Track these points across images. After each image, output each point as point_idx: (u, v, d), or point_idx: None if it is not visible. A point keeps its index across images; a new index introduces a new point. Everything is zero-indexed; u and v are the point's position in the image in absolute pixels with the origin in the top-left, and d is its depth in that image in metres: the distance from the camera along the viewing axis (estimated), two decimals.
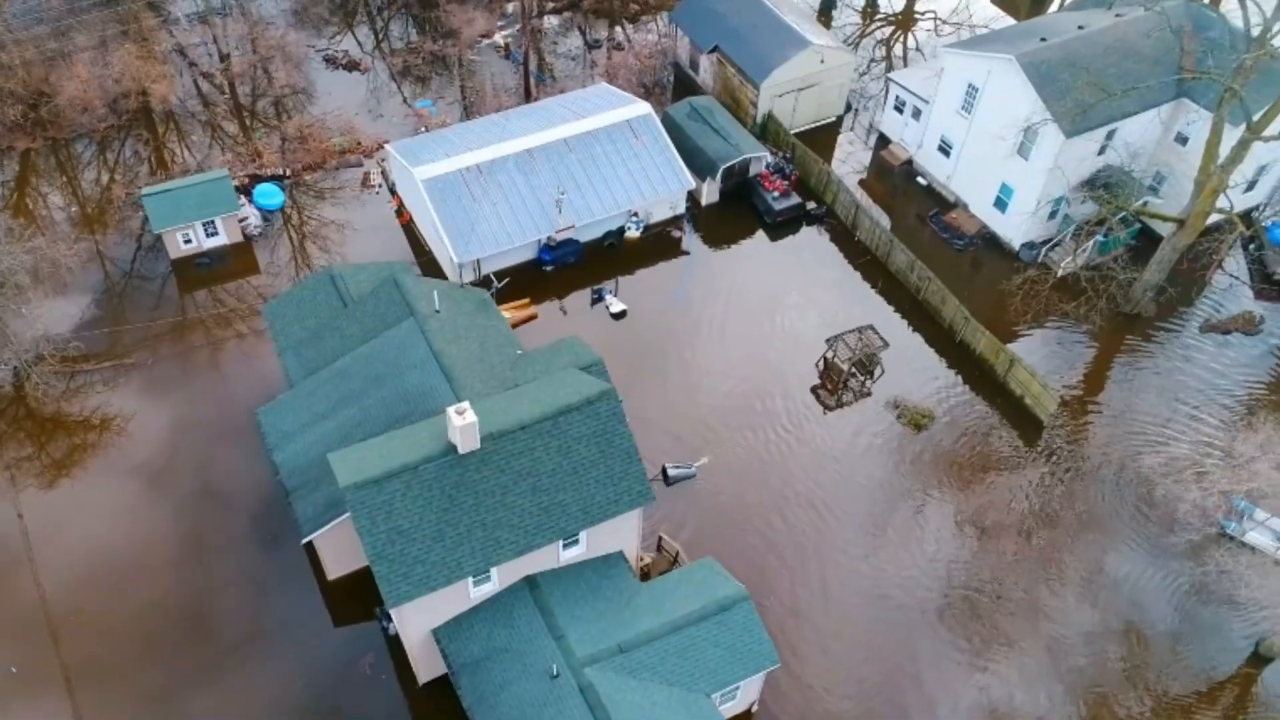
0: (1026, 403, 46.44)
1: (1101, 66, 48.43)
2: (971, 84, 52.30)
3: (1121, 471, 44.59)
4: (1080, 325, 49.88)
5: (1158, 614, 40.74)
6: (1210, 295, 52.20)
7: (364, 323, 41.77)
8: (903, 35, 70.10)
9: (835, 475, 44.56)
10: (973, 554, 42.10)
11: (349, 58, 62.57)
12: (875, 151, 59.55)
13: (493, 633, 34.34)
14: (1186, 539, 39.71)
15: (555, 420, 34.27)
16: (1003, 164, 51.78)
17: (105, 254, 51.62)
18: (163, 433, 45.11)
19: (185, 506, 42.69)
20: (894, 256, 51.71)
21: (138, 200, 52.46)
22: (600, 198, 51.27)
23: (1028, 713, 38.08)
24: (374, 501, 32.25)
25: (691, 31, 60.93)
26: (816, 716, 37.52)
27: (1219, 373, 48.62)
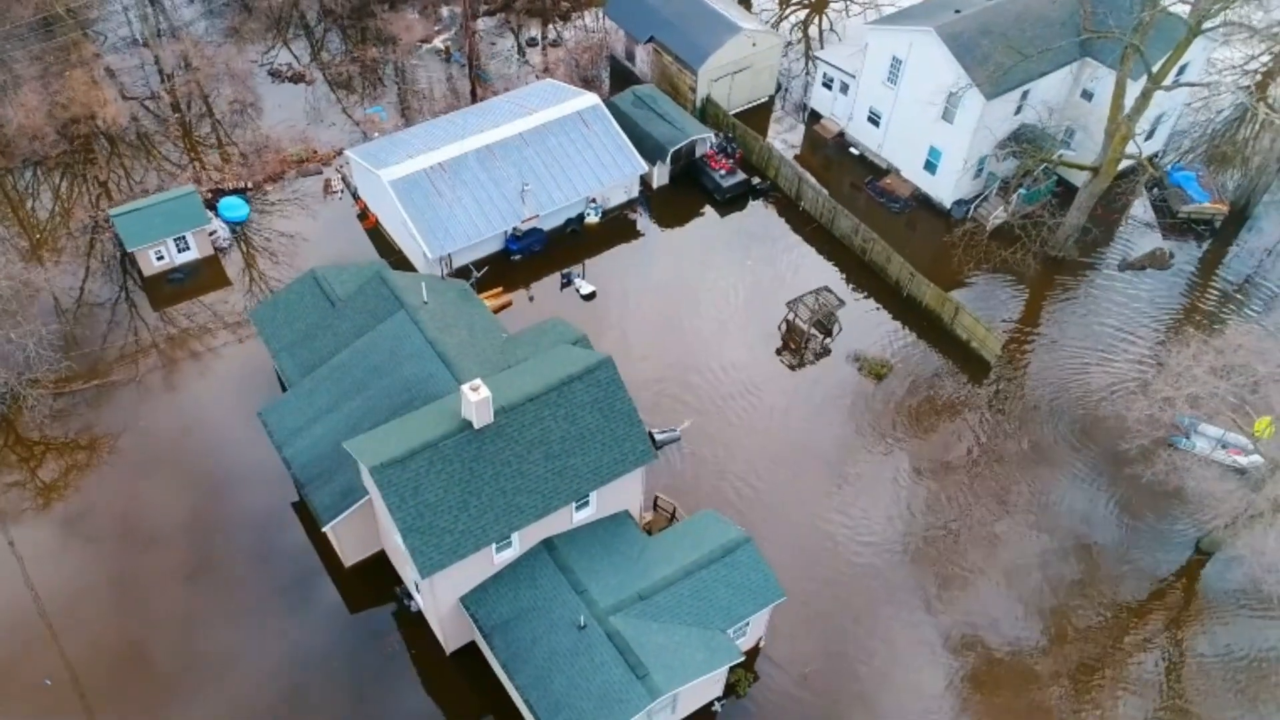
0: (973, 346, 49.84)
1: (1014, 32, 52.03)
2: (895, 57, 55.55)
3: (1065, 396, 48.29)
4: (1012, 272, 53.44)
5: (1106, 528, 44.30)
6: (1124, 236, 56.44)
7: (355, 319, 43.06)
8: (817, 17, 73.30)
9: (806, 428, 47.27)
10: (933, 491, 45.15)
11: (294, 70, 63.22)
12: (808, 127, 62.57)
13: (518, 594, 36.21)
14: (1138, 444, 43.45)
15: (560, 390, 36.21)
16: (930, 129, 55.19)
17: (74, 276, 51.71)
18: (157, 446, 45.74)
19: (189, 518, 43.49)
20: (838, 222, 54.71)
21: (103, 221, 52.66)
22: (560, 187, 53.18)
23: (995, 636, 40.94)
24: (401, 479, 33.82)
25: (626, 24, 63.11)
26: (795, 657, 40.25)
27: (1142, 303, 52.76)
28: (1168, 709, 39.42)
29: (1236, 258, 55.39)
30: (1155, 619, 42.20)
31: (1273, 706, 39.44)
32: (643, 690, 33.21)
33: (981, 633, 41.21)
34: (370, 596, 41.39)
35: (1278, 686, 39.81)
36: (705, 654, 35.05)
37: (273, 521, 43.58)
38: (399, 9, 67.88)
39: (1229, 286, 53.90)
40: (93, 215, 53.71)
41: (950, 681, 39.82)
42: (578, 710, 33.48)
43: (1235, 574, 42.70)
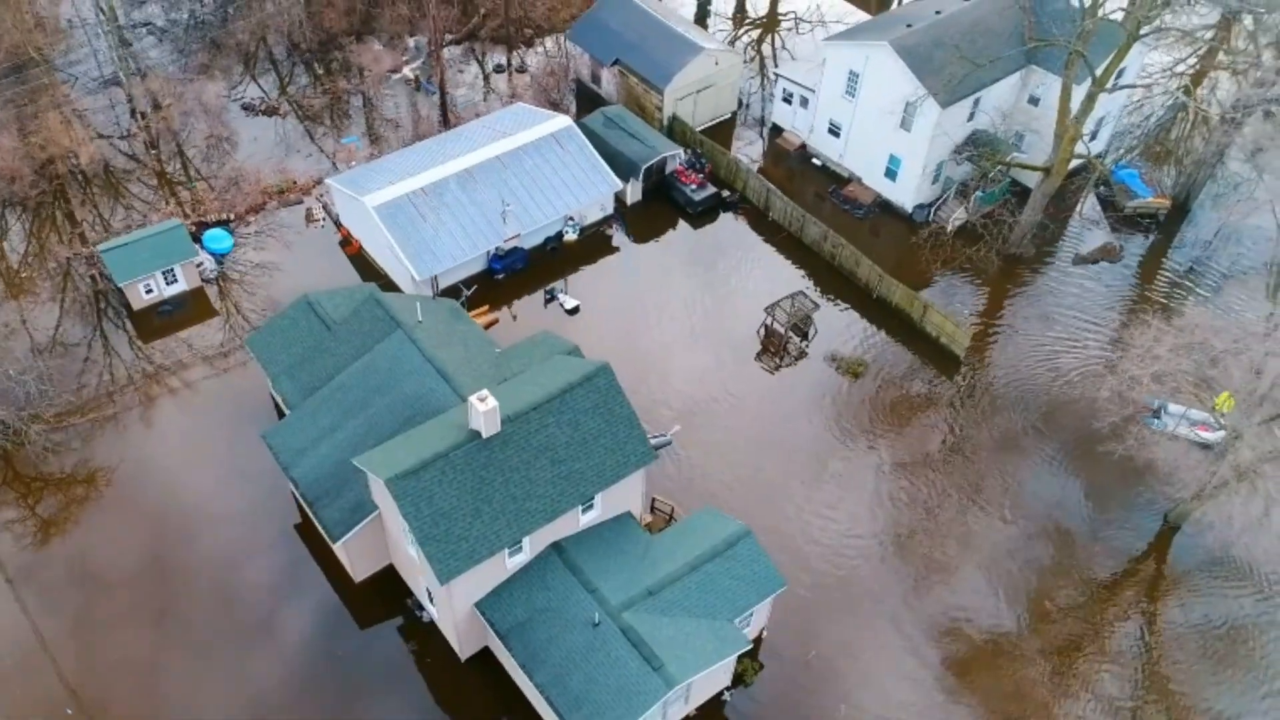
0: (943, 341, 51.78)
1: (964, 44, 54.32)
2: (852, 71, 57.67)
3: (1032, 384, 50.32)
4: (974, 270, 55.56)
5: (1077, 510, 46.06)
6: (1075, 232, 58.88)
7: (352, 341, 43.80)
8: (770, 36, 75.51)
9: (788, 428, 48.71)
10: (912, 483, 46.72)
11: (267, 103, 63.81)
12: (770, 140, 64.49)
13: (531, 596, 37.10)
14: (1109, 422, 45.50)
15: (562, 398, 37.29)
16: (889, 138, 57.31)
17: (64, 312, 51.82)
18: (154, 477, 45.94)
19: (192, 547, 43.76)
20: (807, 230, 56.52)
21: (87, 258, 52.88)
22: (539, 206, 54.39)
23: (978, 621, 42.33)
24: (415, 489, 34.65)
25: (591, 49, 64.67)
26: (793, 647, 41.47)
27: (1097, 293, 55.18)
28: (1147, 680, 41.07)
29: (1180, 247, 58.13)
30: (1130, 593, 43.98)
31: (1244, 671, 41.26)
32: (659, 681, 34.28)
33: (965, 619, 42.57)
34: (379, 611, 42.04)
35: (1249, 652, 41.68)
36: (715, 643, 36.22)
37: (277, 544, 43.98)
38: (365, 40, 68.76)
39: (1176, 274, 56.56)
40: (76, 252, 53.80)
41: (939, 666, 41.13)
42: (597, 704, 34.44)
43: (1202, 544, 44.78)
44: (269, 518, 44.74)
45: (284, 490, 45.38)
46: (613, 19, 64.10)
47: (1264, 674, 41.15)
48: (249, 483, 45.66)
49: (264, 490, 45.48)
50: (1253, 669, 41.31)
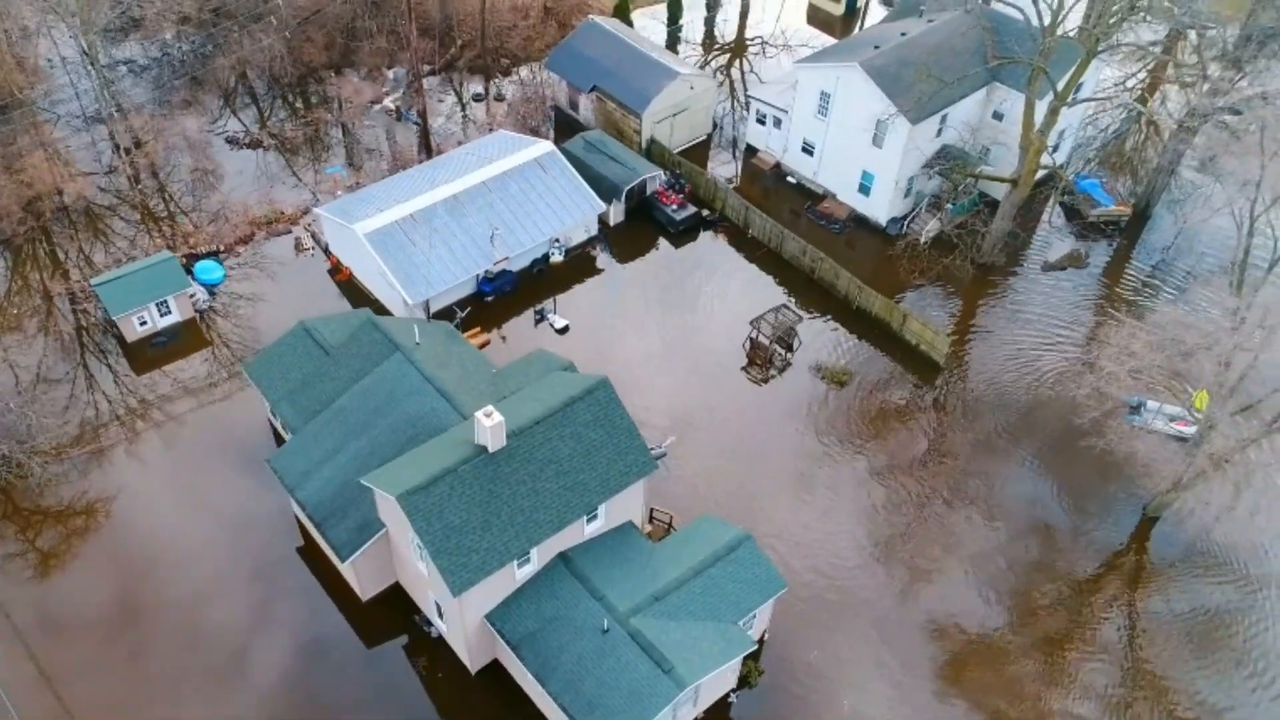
0: (922, 349, 53.17)
1: (930, 63, 56.17)
2: (824, 91, 59.30)
3: (1011, 386, 51.77)
4: (949, 280, 57.06)
5: (1059, 508, 47.29)
6: (1042, 241, 60.69)
7: (351, 365, 44.33)
8: (738, 60, 77.22)
9: (778, 436, 49.71)
10: (899, 487, 47.74)
11: (251, 136, 64.32)
12: (745, 160, 65.95)
13: (540, 606, 37.66)
14: (1090, 417, 46.96)
15: (564, 412, 38.07)
16: (862, 155, 58.92)
17: (60, 346, 51.93)
18: (155, 507, 46.05)
19: (198, 575, 43.92)
20: (786, 245, 57.87)
21: (82, 291, 53.01)
22: (526, 230, 55.29)
23: (968, 620, 43.24)
24: (426, 504, 35.20)
25: (568, 76, 65.92)
26: (792, 649, 42.31)
27: (1067, 298, 56.95)
28: (1134, 671, 42.14)
29: (1143, 252, 60.14)
30: (1113, 586, 45.14)
31: (1223, 657, 42.47)
32: (670, 683, 34.94)
33: (954, 619, 43.43)
34: (386, 630, 42.31)
35: (1231, 640, 42.91)
36: (722, 645, 36.96)
37: (281, 568, 44.15)
38: (344, 74, 69.55)
39: (1141, 276, 58.52)
40: (68, 287, 53.91)
41: (931, 666, 41.92)
42: (611, 708, 35.01)
43: (1182, 535, 46.22)
44: (272, 542, 44.95)
45: (286, 514, 45.68)
46: (589, 47, 65.43)
47: (1248, 661, 42.36)
48: (250, 508, 45.87)
49: (265, 515, 45.74)
50: (1237, 656, 42.50)
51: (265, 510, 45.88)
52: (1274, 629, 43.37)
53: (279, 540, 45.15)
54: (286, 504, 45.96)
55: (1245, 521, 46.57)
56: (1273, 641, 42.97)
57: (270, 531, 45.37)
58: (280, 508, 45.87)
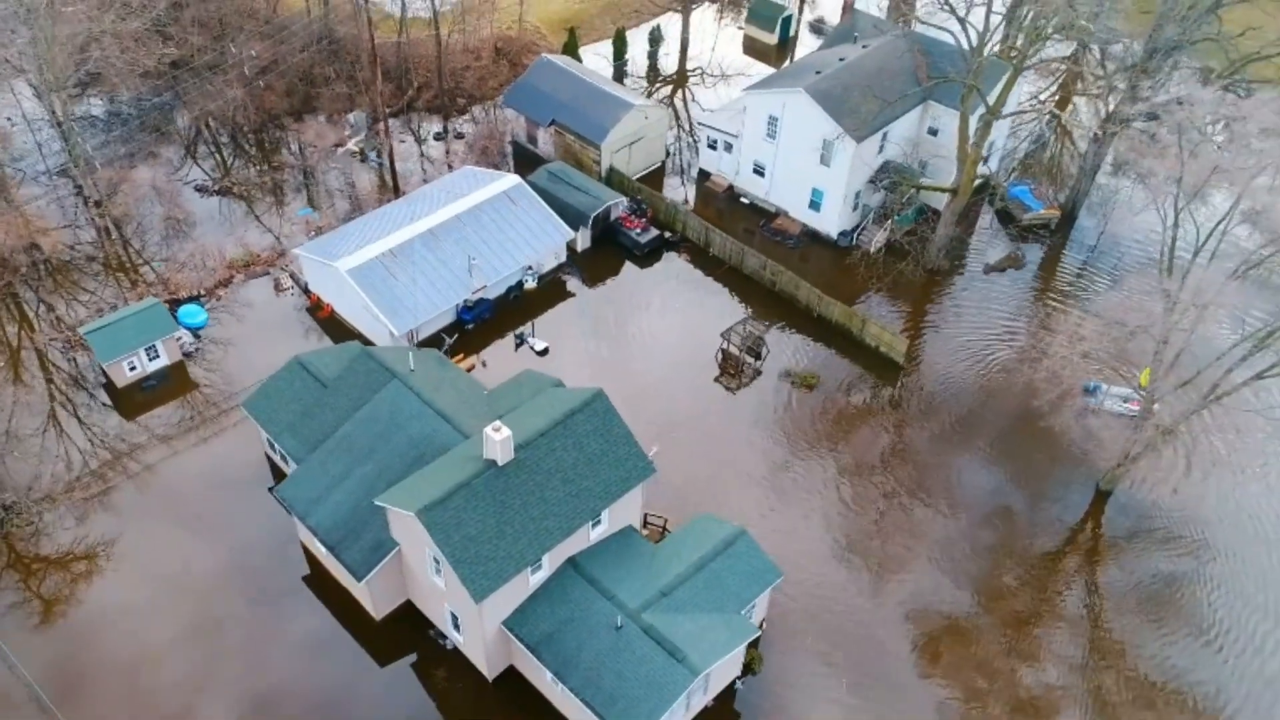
0: (883, 351, 55.96)
1: (869, 86, 59.51)
2: (772, 116, 62.22)
3: (967, 379, 54.68)
4: (899, 285, 60.07)
5: (1018, 491, 49.96)
6: (980, 245, 64.23)
7: (349, 394, 45.42)
8: (681, 90, 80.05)
9: (753, 440, 51.89)
10: (870, 481, 50.11)
11: (220, 184, 65.00)
12: (699, 184, 68.58)
13: (555, 609, 39.11)
14: (1047, 400, 49.97)
15: (565, 423, 39.76)
16: (811, 173, 61.89)
17: (48, 393, 52.13)
18: (158, 545, 46.43)
19: (208, 610, 44.37)
20: (747, 261, 60.43)
21: (70, 340, 53.29)
22: (501, 259, 56.97)
23: (939, 606, 45.36)
24: (444, 518, 36.53)
25: (526, 111, 67.97)
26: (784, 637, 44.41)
27: (1011, 295, 60.44)
28: (1094, 638, 44.66)
29: (1073, 250, 63.99)
30: (1072, 561, 47.86)
31: (1177, 622, 45.22)
32: (684, 671, 36.66)
33: (926, 605, 45.46)
34: (398, 648, 43.19)
35: (1184, 604, 45.79)
36: (728, 633, 38.79)
37: (290, 597, 44.80)
38: (304, 119, 70.59)
39: (1074, 271, 62.32)
40: (53, 338, 54.03)
41: (909, 649, 43.89)
42: (631, 699, 36.56)
43: (1133, 507, 49.28)
44: (278, 573, 45.57)
45: (289, 545, 46.38)
46: (544, 83, 67.61)
47: (1202, 624, 45.12)
48: (253, 541, 46.51)
49: (269, 547, 46.41)
50: (1191, 619, 45.24)
51: (268, 542, 46.55)
52: (1223, 592, 46.34)
53: (285, 570, 45.79)
54: (289, 535, 46.74)
55: (1191, 490, 49.84)
56: (1222, 603, 45.92)
57: (275, 562, 46.00)
58: (283, 539, 46.58)
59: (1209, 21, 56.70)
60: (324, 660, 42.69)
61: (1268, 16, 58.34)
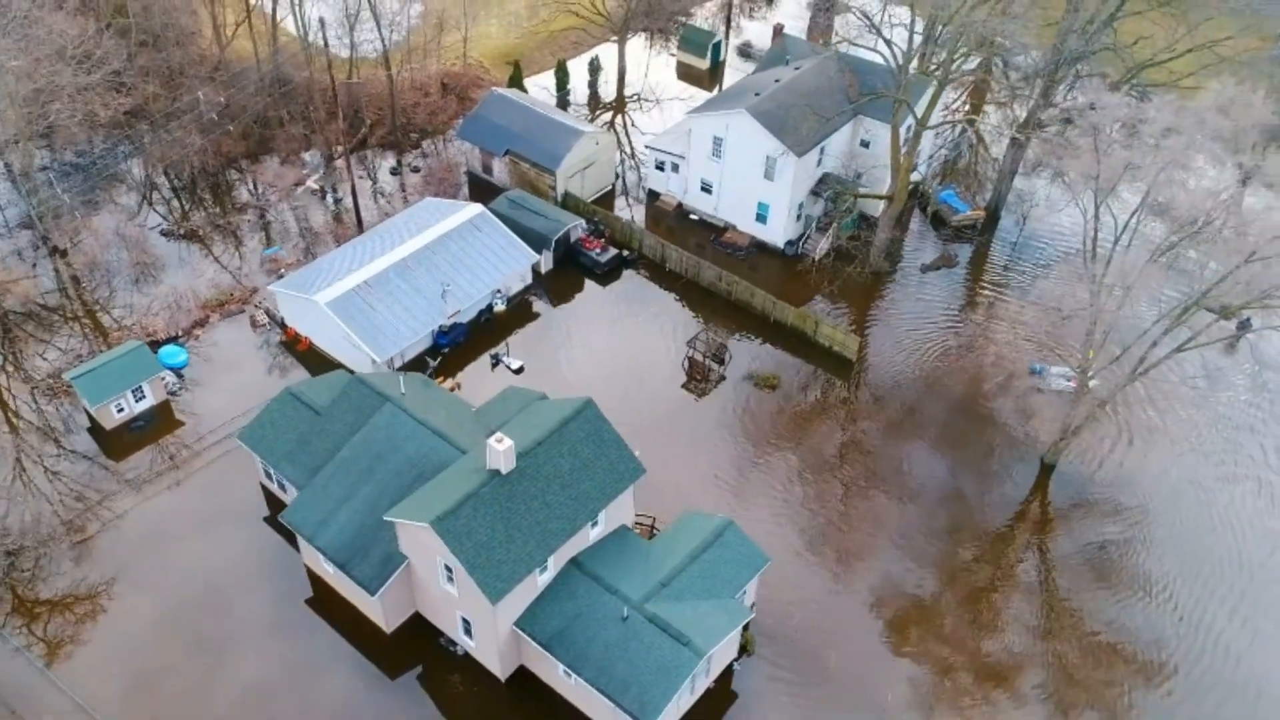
0: (836, 350, 59.16)
1: (806, 104, 62.96)
2: (716, 136, 65.29)
3: (917, 370, 58.06)
4: (845, 288, 63.36)
5: (969, 473, 53.17)
6: (914, 247, 68.11)
7: (344, 420, 46.79)
8: (620, 116, 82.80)
9: (722, 439, 54.49)
10: (832, 473, 52.97)
11: (185, 227, 65.55)
12: (649, 204, 71.32)
13: (563, 607, 41.04)
14: (996, 382, 53.55)
15: (560, 432, 41.87)
16: (756, 188, 65.08)
17: (34, 439, 52.31)
18: (160, 582, 47.16)
19: (219, 641, 45.31)
20: (703, 274, 63.25)
21: (52, 387, 53.55)
22: (471, 284, 58.83)
23: (901, 592, 47.94)
24: (456, 527, 38.30)
25: (481, 143, 69.98)
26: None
27: (949, 291, 64.32)
28: (1048, 603, 47.78)
29: (999, 247, 68.26)
30: (1023, 534, 51.03)
31: (1121, 582, 48.68)
32: (690, 654, 38.94)
33: (892, 587, 47.97)
34: (406, 661, 44.60)
35: (1125, 566, 49.30)
36: (726, 617, 41.19)
37: (296, 621, 45.89)
38: (260, 161, 71.52)
39: (1002, 265, 66.53)
40: (35, 386, 54.20)
41: (880, 630, 46.39)
42: (643, 684, 38.67)
43: (1075, 478, 52.90)
44: (281, 599, 46.58)
45: (288, 571, 47.42)
46: (497, 115, 69.74)
47: (1144, 584, 48.55)
48: (253, 570, 47.53)
49: (269, 574, 47.39)
50: (1135, 581, 48.67)
51: (268, 570, 47.57)
52: (1160, 551, 49.87)
53: (287, 595, 46.80)
54: (288, 561, 47.79)
55: (1128, 459, 53.63)
56: (1159, 562, 49.45)
57: (277, 588, 47.00)
58: (282, 565, 47.65)
59: (1106, 33, 61.62)
60: (338, 679, 43.81)
61: (1156, 26, 63.16)
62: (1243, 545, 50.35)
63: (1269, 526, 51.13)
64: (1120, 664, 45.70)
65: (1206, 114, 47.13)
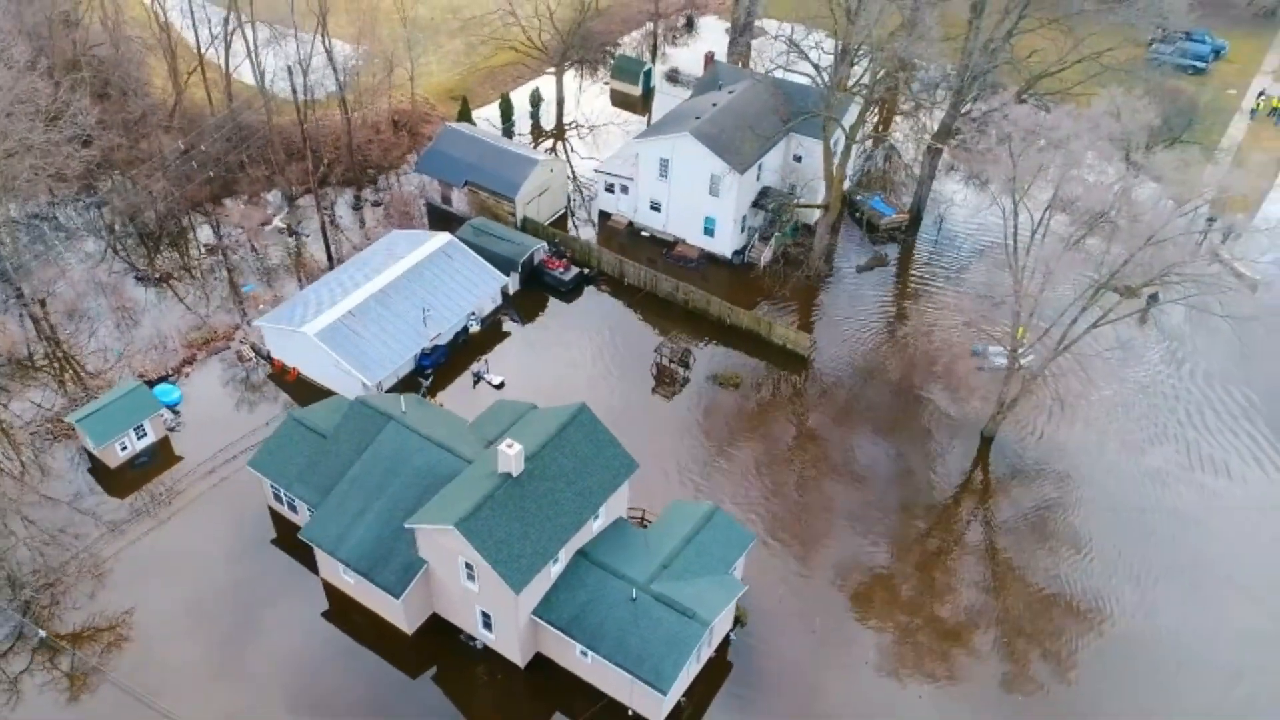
0: (789, 348, 63.66)
1: (743, 125, 67.60)
2: (663, 159, 69.48)
3: (864, 360, 62.86)
4: (792, 291, 68.03)
5: (916, 452, 57.75)
6: (848, 250, 73.23)
7: (350, 440, 49.24)
8: (562, 142, 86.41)
9: (693, 436, 58.35)
10: (792, 460, 57.14)
11: (160, 271, 66.83)
12: (601, 224, 75.04)
13: (575, 594, 44.29)
14: (942, 363, 58.48)
15: (560, 435, 45.22)
16: (702, 204, 69.40)
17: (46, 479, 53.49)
18: (177, 609, 48.91)
19: (239, 661, 47.31)
20: (660, 286, 67.21)
21: (48, 433, 54.65)
22: (449, 308, 61.72)
23: (861, 566, 51.72)
24: (479, 527, 41.34)
25: (440, 175, 72.87)
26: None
27: (882, 288, 69.50)
28: (994, 565, 52.30)
29: (923, 244, 73.82)
30: (968, 503, 55.63)
31: (1059, 541, 53.44)
32: (696, 625, 42.62)
33: (853, 564, 51.71)
34: (424, 661, 47.21)
35: (1060, 525, 54.15)
36: (722, 590, 44.98)
37: (313, 633, 48.09)
38: (221, 203, 73.12)
39: (927, 261, 72.06)
40: (34, 431, 55.19)
41: (845, 602, 50.00)
42: (656, 656, 42.17)
43: (1012, 447, 58.09)
44: (296, 615, 48.62)
45: (302, 588, 49.52)
46: (453, 148, 72.76)
47: (1082, 542, 53.29)
48: (268, 589, 49.49)
49: (283, 593, 49.40)
50: (1069, 538, 53.48)
51: (282, 589, 49.58)
52: (1090, 510, 54.82)
53: (303, 611, 48.89)
54: (300, 580, 49.88)
55: (1058, 428, 58.88)
56: (1091, 520, 54.35)
57: (291, 605, 49.01)
58: (298, 582, 49.73)
59: (1005, 49, 67.74)
60: (361, 680, 46.14)
61: (1048, 42, 69.56)
62: (1167, 499, 55.49)
63: (1193, 480, 56.51)
64: (1062, 615, 49.99)
65: (1101, 119, 53.05)
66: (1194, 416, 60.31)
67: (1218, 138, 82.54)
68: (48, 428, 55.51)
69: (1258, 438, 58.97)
